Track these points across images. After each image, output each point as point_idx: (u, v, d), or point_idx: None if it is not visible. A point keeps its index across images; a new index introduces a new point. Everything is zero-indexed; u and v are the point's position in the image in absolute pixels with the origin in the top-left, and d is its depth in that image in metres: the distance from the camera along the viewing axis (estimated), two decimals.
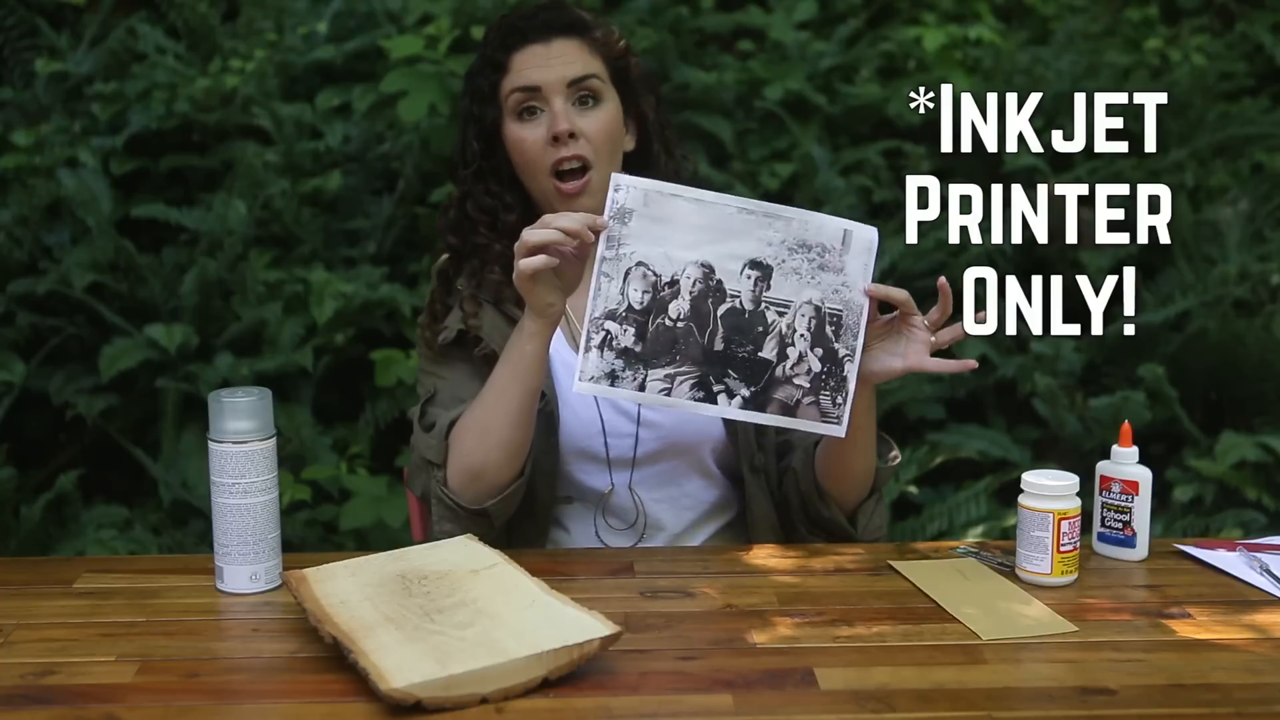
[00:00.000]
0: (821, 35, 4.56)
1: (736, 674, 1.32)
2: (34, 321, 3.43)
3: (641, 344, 1.57)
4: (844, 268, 1.59)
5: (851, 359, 1.59)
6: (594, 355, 1.56)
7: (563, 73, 1.74)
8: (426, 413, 1.77)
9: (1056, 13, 4.85)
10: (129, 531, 3.11)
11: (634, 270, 1.56)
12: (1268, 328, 3.57)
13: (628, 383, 1.57)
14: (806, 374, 1.59)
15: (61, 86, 3.98)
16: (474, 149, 1.79)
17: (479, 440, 1.67)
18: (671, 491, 1.81)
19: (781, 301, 1.58)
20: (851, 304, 1.59)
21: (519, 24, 1.77)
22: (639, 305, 1.56)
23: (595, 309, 1.56)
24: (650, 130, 1.84)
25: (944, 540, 2.14)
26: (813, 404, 1.59)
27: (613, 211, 1.56)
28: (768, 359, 1.58)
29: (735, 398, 1.58)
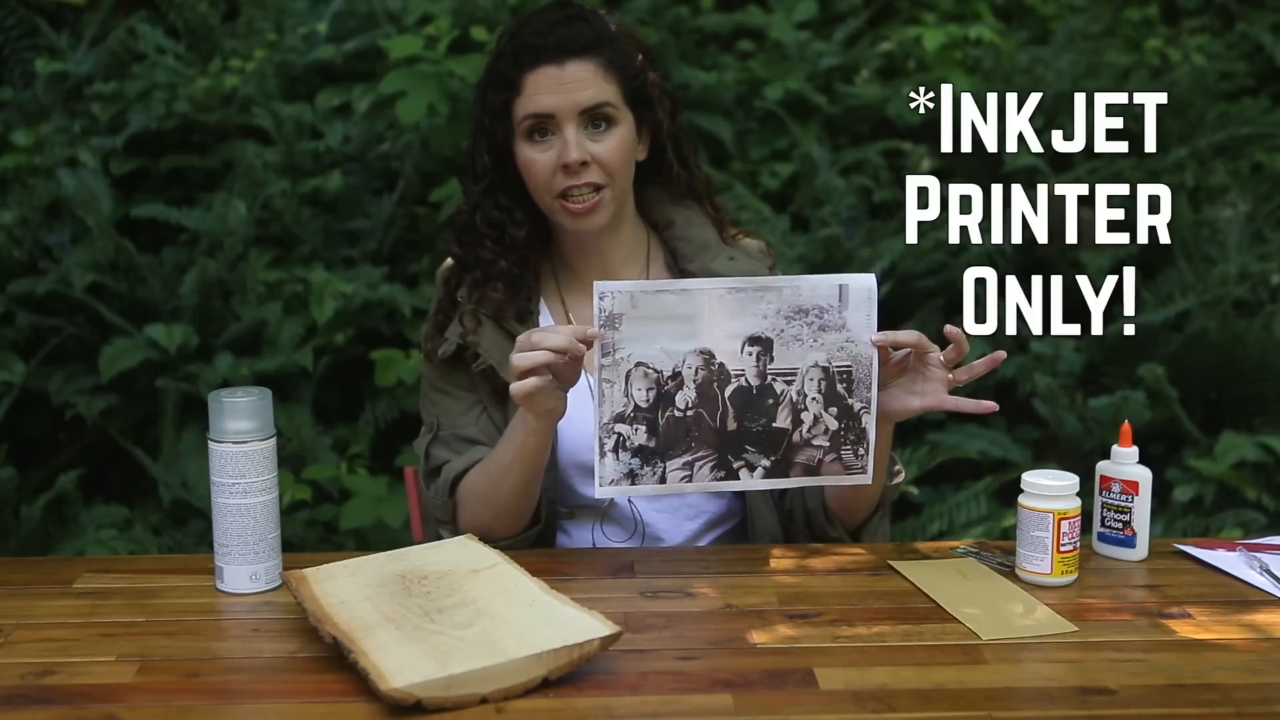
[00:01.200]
0: (821, 35, 4.56)
1: (736, 674, 1.32)
2: (34, 321, 3.43)
3: (655, 439, 1.57)
4: (846, 323, 1.57)
5: (868, 410, 1.58)
6: (609, 459, 1.57)
7: (576, 99, 1.70)
8: (431, 455, 1.77)
9: (1056, 13, 4.85)
10: (129, 531, 3.11)
11: (634, 371, 1.56)
12: (1268, 328, 3.57)
13: (648, 478, 1.58)
14: (824, 434, 1.58)
15: (61, 86, 3.97)
16: (485, 162, 1.76)
17: (484, 506, 1.71)
18: (672, 501, 1.80)
19: (787, 371, 1.57)
20: (860, 357, 1.57)
21: (533, 41, 1.71)
22: (645, 404, 1.57)
23: (603, 415, 1.57)
24: (664, 140, 1.80)
25: (944, 540, 2.14)
26: (835, 460, 1.59)
27: (602, 320, 1.55)
28: (783, 428, 1.57)
29: (756, 469, 1.58)
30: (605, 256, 1.81)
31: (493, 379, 1.77)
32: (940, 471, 3.33)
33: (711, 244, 1.81)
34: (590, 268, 1.81)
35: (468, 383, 1.79)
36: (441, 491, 1.73)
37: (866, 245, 3.71)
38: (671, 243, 1.83)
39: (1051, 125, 1.94)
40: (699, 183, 1.85)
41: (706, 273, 1.77)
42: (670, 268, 1.83)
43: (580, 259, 1.81)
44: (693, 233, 1.82)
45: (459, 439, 1.78)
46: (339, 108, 3.89)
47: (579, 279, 1.82)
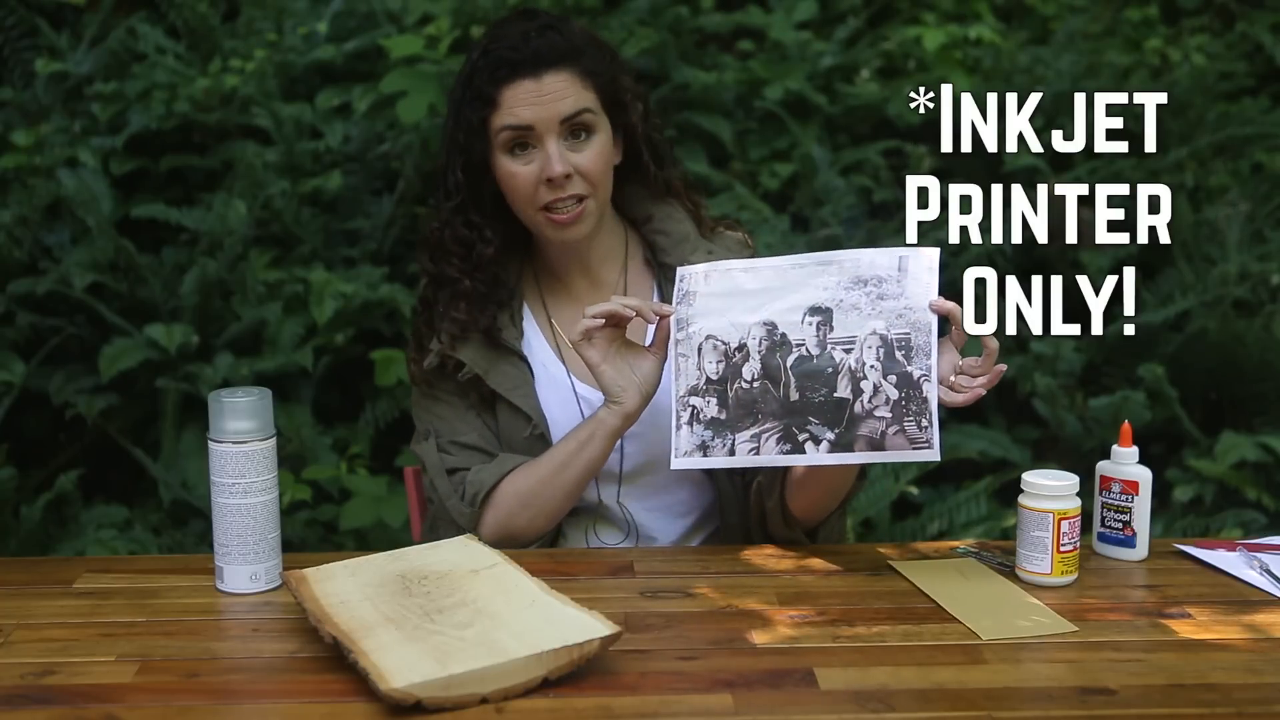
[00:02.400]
0: (821, 35, 4.56)
1: (736, 674, 1.32)
2: (34, 321, 3.43)
3: (725, 411, 1.60)
4: (904, 292, 1.57)
5: (928, 378, 1.55)
6: (685, 431, 1.62)
7: (556, 110, 1.68)
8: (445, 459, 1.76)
9: (1056, 13, 4.85)
10: (129, 531, 3.11)
11: (705, 344, 1.62)
12: (1268, 328, 3.57)
13: (718, 450, 1.61)
14: (886, 404, 1.55)
15: (61, 86, 3.97)
16: (457, 179, 1.74)
17: (522, 507, 1.72)
18: (664, 500, 1.80)
19: (846, 339, 1.57)
20: (919, 324, 1.56)
21: (508, 55, 1.68)
22: (715, 376, 1.61)
23: (679, 388, 1.63)
24: (639, 142, 1.79)
25: (944, 540, 2.15)
26: (899, 433, 1.55)
27: (679, 298, 1.65)
28: (844, 398, 1.56)
29: (821, 443, 1.57)
30: (586, 258, 1.81)
31: (479, 387, 1.77)
32: (940, 471, 3.33)
33: (690, 237, 1.81)
34: (571, 269, 1.81)
35: (456, 388, 1.79)
36: (470, 502, 1.73)
37: (866, 245, 3.71)
38: (650, 237, 1.83)
39: (1051, 125, 1.94)
40: (676, 181, 1.85)
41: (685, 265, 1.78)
42: (649, 263, 1.83)
43: (561, 262, 1.81)
44: (671, 226, 1.82)
45: (458, 446, 1.77)
46: (339, 108, 3.89)
47: (560, 281, 1.82)
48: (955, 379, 1.59)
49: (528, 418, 1.76)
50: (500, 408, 1.77)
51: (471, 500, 1.73)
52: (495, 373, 1.76)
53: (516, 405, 1.76)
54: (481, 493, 1.72)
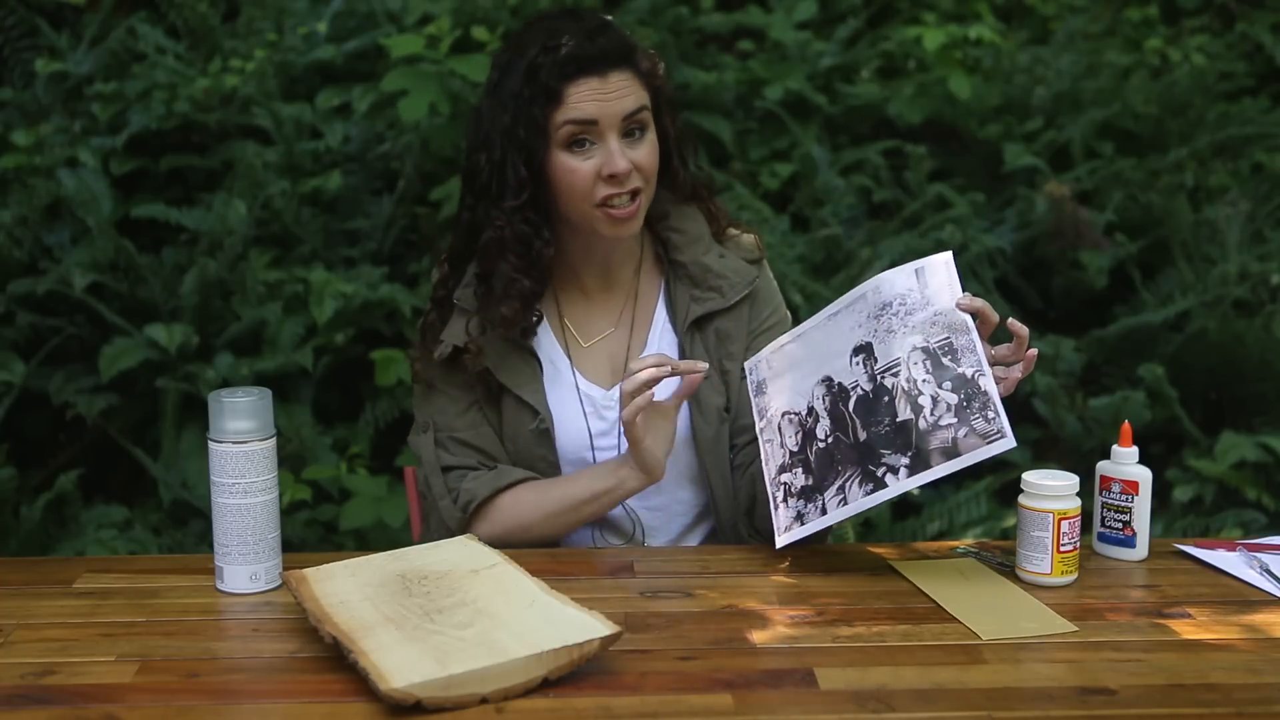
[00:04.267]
0: (821, 35, 4.56)
1: (736, 674, 1.32)
2: (34, 321, 3.43)
3: (811, 476, 1.61)
4: (929, 300, 1.57)
5: (982, 372, 1.52)
6: (782, 509, 1.63)
7: (619, 107, 1.69)
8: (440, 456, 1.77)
9: (1056, 13, 4.85)
10: (129, 531, 3.11)
11: (782, 421, 1.66)
12: (1268, 328, 3.57)
13: (813, 514, 1.60)
14: (949, 410, 1.52)
15: (61, 86, 3.98)
16: (522, 176, 1.72)
17: (522, 530, 1.74)
18: (665, 499, 1.81)
19: (891, 364, 1.57)
20: (954, 325, 1.55)
21: (576, 52, 1.68)
22: (796, 448, 1.64)
23: (770, 472, 1.65)
24: (671, 145, 1.80)
25: (944, 540, 2.15)
26: (969, 434, 1.51)
27: (754, 390, 1.71)
28: (906, 419, 1.55)
29: (900, 470, 1.54)
30: (608, 259, 1.81)
31: (487, 381, 1.77)
32: None
33: (704, 238, 1.82)
34: (591, 268, 1.82)
35: (462, 381, 1.79)
36: (462, 509, 1.74)
37: (866, 245, 3.71)
38: (663, 233, 1.83)
39: (1051, 125, 1.94)
40: (701, 183, 1.86)
41: (696, 265, 1.79)
42: (660, 259, 1.84)
43: (583, 262, 1.81)
44: (686, 225, 1.82)
45: (456, 441, 1.78)
46: (339, 108, 3.89)
47: (576, 280, 1.82)
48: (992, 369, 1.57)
49: (534, 412, 1.76)
50: (506, 402, 1.78)
51: (464, 507, 1.74)
52: (506, 367, 1.77)
53: (524, 400, 1.76)
54: (474, 502, 1.74)
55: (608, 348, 1.81)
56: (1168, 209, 3.89)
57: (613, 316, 1.81)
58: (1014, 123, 4.17)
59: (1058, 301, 3.90)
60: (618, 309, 1.82)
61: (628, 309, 1.82)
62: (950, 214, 3.76)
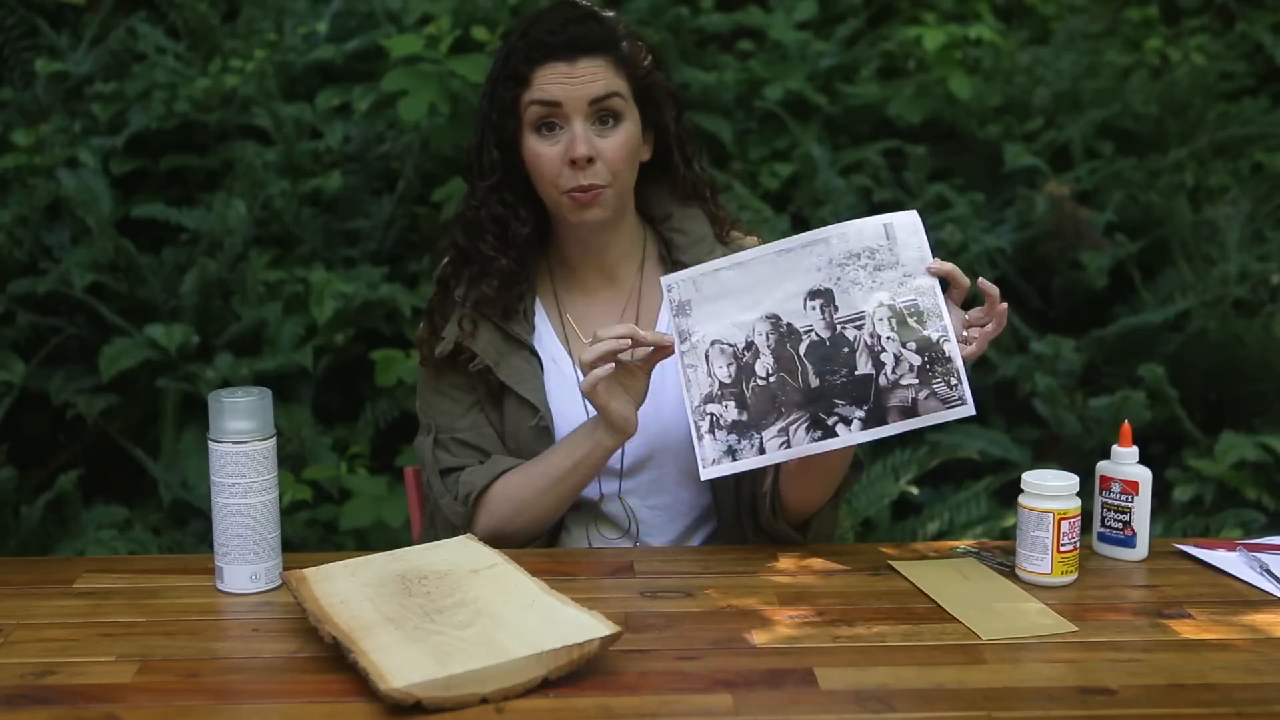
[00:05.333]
0: (821, 35, 4.57)
1: (736, 674, 1.32)
2: (34, 321, 3.43)
3: (745, 412, 1.59)
4: (899, 259, 1.56)
5: (946, 337, 1.54)
6: (708, 440, 1.60)
7: (585, 91, 1.70)
8: (439, 458, 1.78)
9: (1056, 13, 4.85)
10: (129, 531, 3.11)
11: (711, 350, 1.61)
12: (1268, 328, 3.57)
13: (747, 451, 1.59)
14: (911, 371, 1.54)
15: (61, 86, 3.98)
16: (493, 158, 1.76)
17: (515, 514, 1.73)
18: (665, 499, 1.80)
19: (854, 316, 1.56)
20: (922, 288, 1.55)
21: (545, 38, 1.70)
22: (728, 379, 1.60)
23: (693, 399, 1.61)
24: (670, 141, 1.81)
25: (944, 540, 2.15)
26: (929, 396, 1.53)
27: (674, 310, 1.63)
28: (867, 374, 1.55)
29: (853, 422, 1.55)
30: (603, 254, 1.81)
31: (488, 379, 1.78)
32: (940, 471, 3.33)
33: (707, 239, 1.82)
34: (588, 264, 1.82)
35: (464, 383, 1.80)
36: (463, 502, 1.74)
37: None
38: (667, 234, 1.84)
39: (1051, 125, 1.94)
40: (703, 183, 1.86)
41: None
42: (664, 259, 1.84)
43: (579, 255, 1.82)
44: (689, 226, 1.83)
45: (457, 442, 1.79)
46: (339, 108, 3.89)
47: (576, 277, 1.83)
48: (965, 332, 1.59)
49: (534, 409, 1.76)
50: (507, 400, 1.78)
51: (464, 500, 1.74)
52: (505, 365, 1.77)
53: (524, 397, 1.77)
54: (474, 493, 1.74)
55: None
56: (1168, 209, 3.89)
57: (615, 314, 1.81)
58: (1014, 123, 4.17)
59: (1058, 301, 3.90)
60: (619, 307, 1.82)
61: (630, 307, 1.82)
62: (950, 214, 3.76)
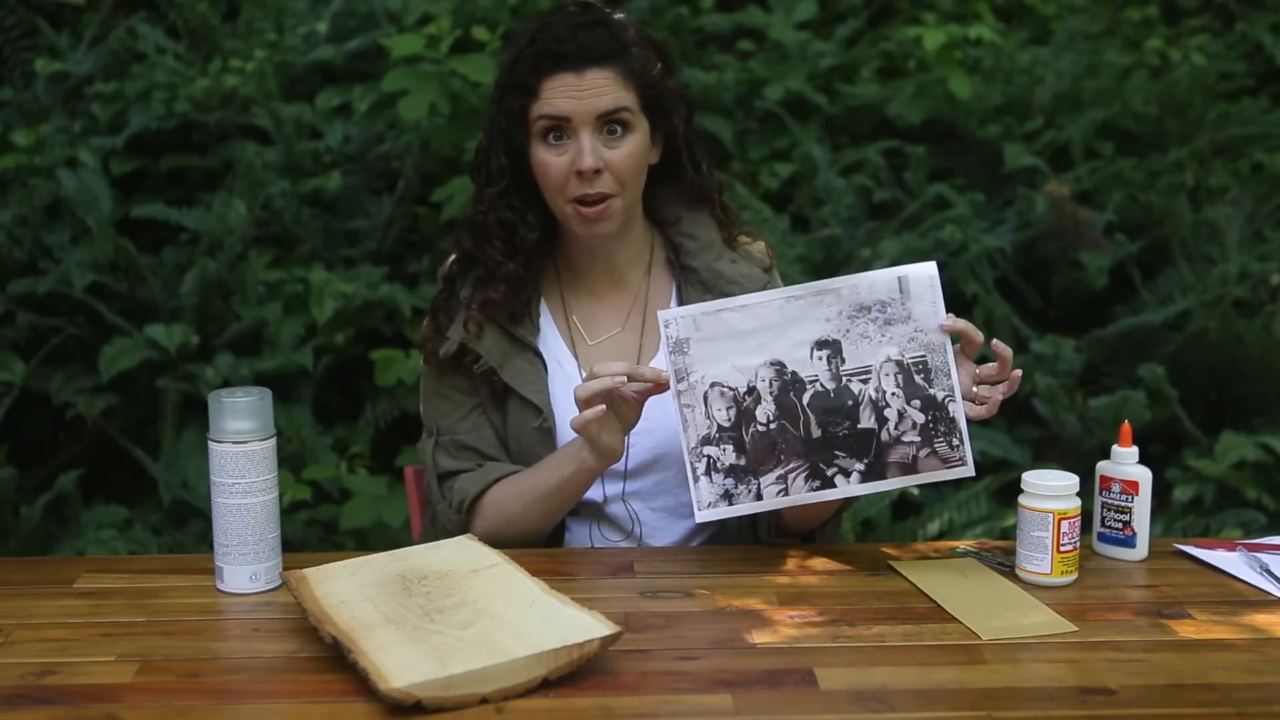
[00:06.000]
0: (821, 35, 4.57)
1: (736, 674, 1.32)
2: (34, 321, 3.43)
3: (744, 457, 1.57)
4: (911, 314, 1.55)
5: (952, 398, 1.54)
6: (704, 483, 1.59)
7: (593, 105, 1.69)
8: (438, 463, 1.78)
9: (1056, 13, 4.85)
10: (129, 531, 3.11)
11: (710, 392, 1.58)
12: (1268, 328, 3.57)
13: (744, 497, 1.58)
14: (914, 429, 1.54)
15: (61, 86, 3.98)
16: (501, 164, 1.75)
17: (506, 524, 1.73)
18: (669, 501, 1.80)
19: (861, 369, 1.55)
20: (932, 345, 1.55)
21: (553, 47, 1.69)
22: (728, 423, 1.58)
23: (689, 440, 1.58)
24: (679, 145, 1.80)
25: (944, 540, 2.15)
26: (930, 455, 1.54)
27: (671, 347, 1.59)
28: (869, 428, 1.55)
29: (852, 474, 1.55)
30: (612, 259, 1.81)
31: (491, 381, 1.78)
32: None
33: (715, 244, 1.81)
34: (596, 269, 1.82)
35: (467, 385, 1.80)
36: (458, 509, 1.75)
37: (866, 245, 3.71)
38: (675, 239, 1.83)
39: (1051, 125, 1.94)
40: (711, 187, 1.85)
41: (708, 271, 1.79)
42: (671, 264, 1.84)
43: (586, 261, 1.82)
44: (698, 230, 1.82)
45: (457, 445, 1.79)
46: (339, 108, 3.89)
47: (582, 280, 1.83)
48: (975, 390, 1.58)
49: (537, 411, 1.76)
50: (511, 401, 1.78)
51: (459, 508, 1.75)
52: (510, 366, 1.77)
53: (527, 399, 1.76)
54: (467, 500, 1.74)
55: (615, 348, 1.81)
56: (1168, 209, 3.89)
57: (620, 317, 1.81)
58: (1014, 123, 4.17)
59: (1058, 301, 3.90)
60: (625, 310, 1.82)
61: (636, 310, 1.82)
62: (950, 214, 3.76)
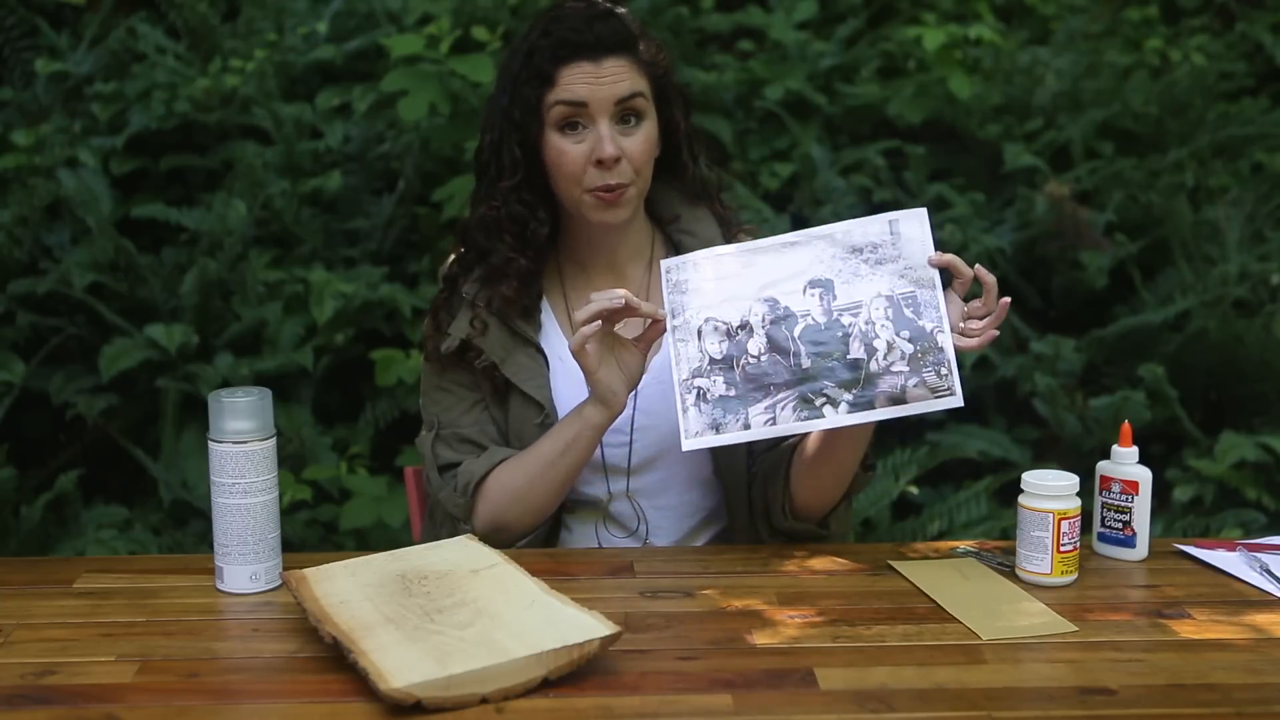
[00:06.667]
0: (821, 35, 4.56)
1: (736, 674, 1.32)
2: (34, 321, 3.43)
3: (734, 388, 1.59)
4: (901, 254, 1.59)
5: (940, 329, 1.56)
6: (693, 412, 1.60)
7: (611, 91, 1.70)
8: (438, 455, 1.78)
9: (1056, 13, 4.85)
10: (129, 531, 3.11)
11: (704, 327, 1.62)
12: (1268, 328, 3.57)
13: (732, 426, 1.59)
14: (902, 358, 1.56)
15: (61, 86, 3.98)
16: (515, 157, 1.75)
17: (512, 502, 1.72)
18: (670, 499, 1.81)
19: (852, 304, 1.58)
20: (921, 280, 1.58)
21: (571, 37, 1.70)
22: (719, 355, 1.61)
23: (680, 372, 1.61)
24: (679, 140, 1.81)
25: (944, 540, 2.15)
26: (919, 384, 1.55)
27: (670, 289, 1.64)
28: (858, 358, 1.57)
29: (840, 404, 1.57)
30: (614, 253, 1.82)
31: (493, 376, 1.78)
32: (940, 471, 3.33)
33: (716, 241, 1.82)
34: (598, 263, 1.82)
35: (469, 380, 1.80)
36: (463, 492, 1.74)
37: None
38: (675, 236, 1.84)
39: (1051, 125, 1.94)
40: (711, 183, 1.86)
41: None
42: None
43: (589, 254, 1.82)
44: (698, 227, 1.83)
45: (459, 439, 1.78)
46: (339, 108, 3.89)
47: (585, 273, 1.83)
48: (965, 325, 1.61)
49: (539, 407, 1.76)
50: (513, 397, 1.78)
51: (464, 491, 1.74)
52: (511, 362, 1.77)
53: (529, 394, 1.76)
54: (473, 482, 1.73)
55: None
56: (1168, 209, 3.89)
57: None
58: (1014, 123, 4.17)
59: (1058, 301, 3.89)
60: None
61: None
62: (950, 214, 3.76)
